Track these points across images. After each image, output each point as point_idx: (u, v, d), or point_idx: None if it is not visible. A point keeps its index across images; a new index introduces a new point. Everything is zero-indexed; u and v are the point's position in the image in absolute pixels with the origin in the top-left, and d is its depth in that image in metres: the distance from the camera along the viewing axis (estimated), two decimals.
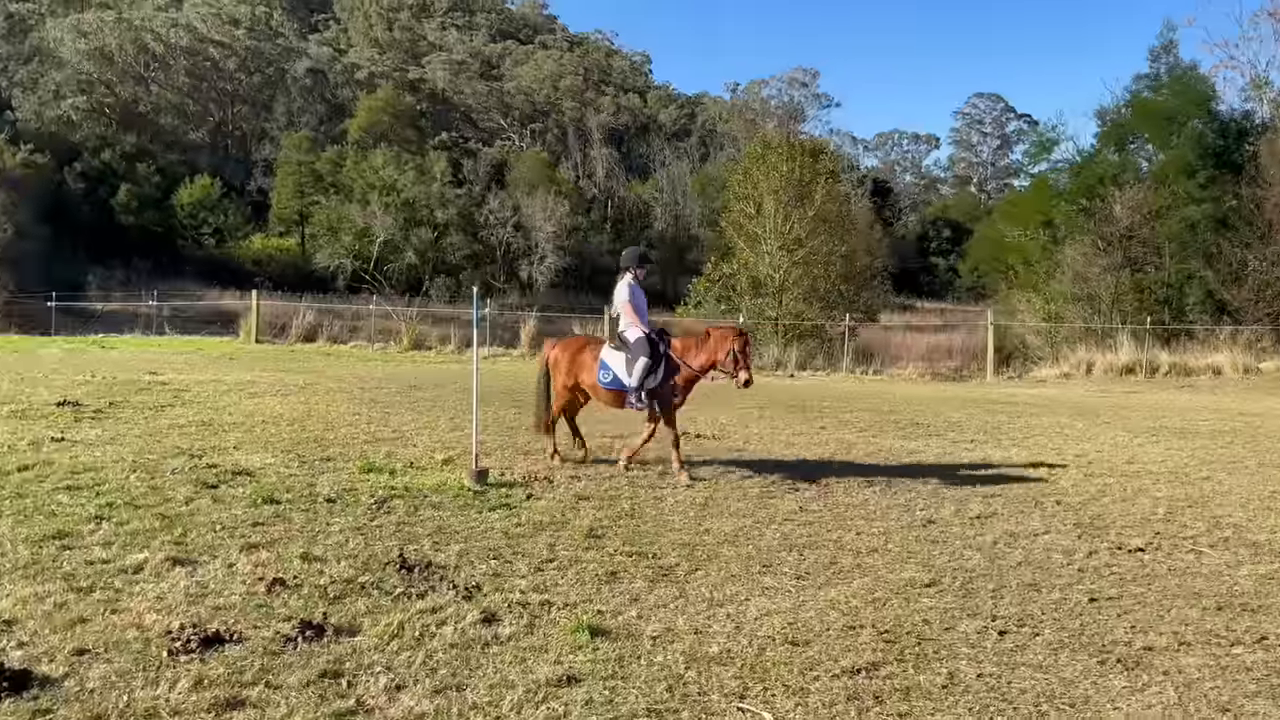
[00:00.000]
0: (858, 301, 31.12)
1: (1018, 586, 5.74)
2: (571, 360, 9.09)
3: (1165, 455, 11.15)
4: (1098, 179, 31.50)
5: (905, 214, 78.58)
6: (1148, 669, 4.49)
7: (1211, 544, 6.93)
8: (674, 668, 4.32)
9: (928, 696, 4.12)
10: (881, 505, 7.94)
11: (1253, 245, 28.68)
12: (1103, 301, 29.52)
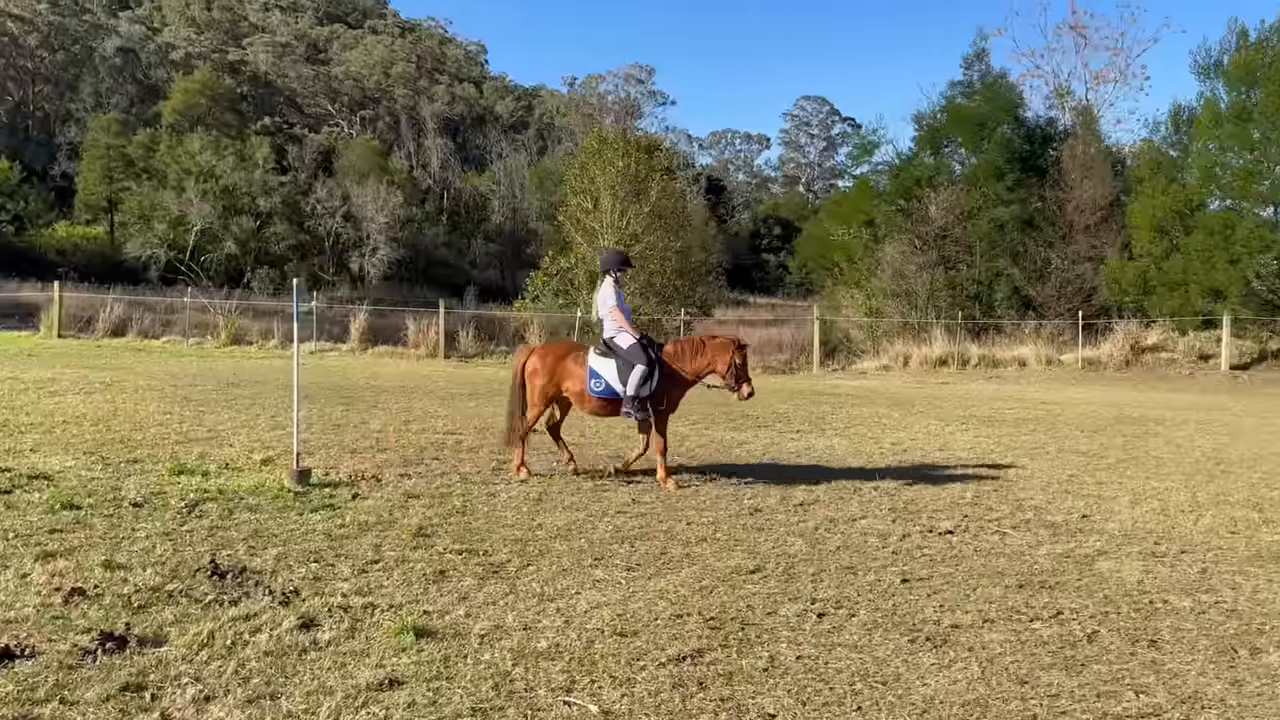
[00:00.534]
0: (693, 296, 31.69)
1: (836, 570, 5.96)
2: (554, 368, 8.55)
3: (974, 442, 11.84)
4: (915, 181, 33.13)
5: (739, 211, 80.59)
6: (954, 646, 4.74)
7: (1014, 525, 7.39)
8: (501, 665, 4.27)
9: (749, 680, 4.22)
10: (711, 495, 8.10)
11: (1055, 245, 30.82)
12: (919, 297, 31.06)
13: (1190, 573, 6.21)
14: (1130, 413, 16.14)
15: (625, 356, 8.30)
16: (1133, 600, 5.57)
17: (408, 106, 67.11)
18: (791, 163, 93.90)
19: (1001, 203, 31.24)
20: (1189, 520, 7.77)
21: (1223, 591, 5.82)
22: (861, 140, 43.58)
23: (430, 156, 60.67)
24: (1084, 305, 29.02)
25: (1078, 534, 7.16)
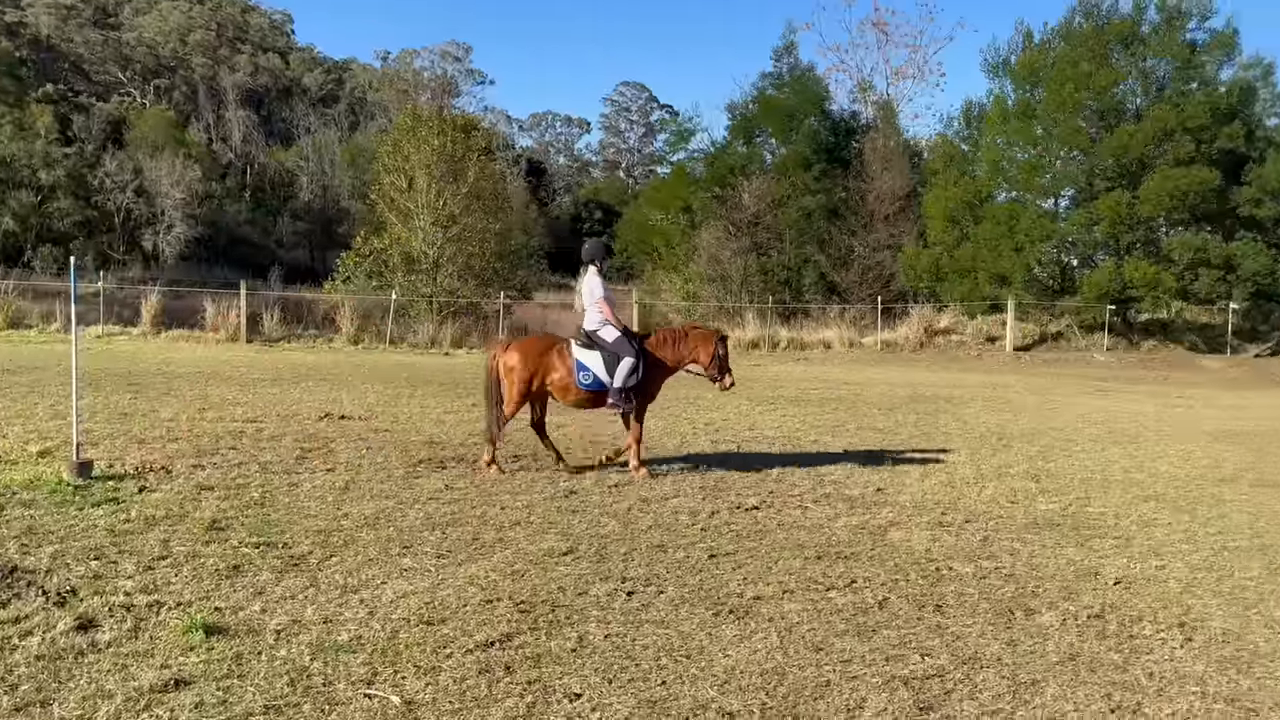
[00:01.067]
0: (513, 279, 31.39)
1: (647, 548, 6.04)
2: (537, 362, 8.31)
3: (781, 421, 12.29)
4: (729, 169, 34.02)
5: (560, 195, 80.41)
6: (756, 617, 4.90)
7: (815, 500, 7.70)
8: (298, 660, 4.09)
9: (557, 661, 4.22)
10: (527, 479, 8.06)
11: (858, 233, 32.35)
12: (734, 282, 31.96)
13: (973, 540, 6.65)
14: (923, 391, 17.15)
15: (611, 348, 8.24)
16: (921, 568, 5.91)
17: (207, 76, 63.22)
18: (612, 147, 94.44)
19: (809, 192, 32.48)
20: (974, 491, 8.32)
21: (1002, 557, 6.25)
22: (678, 128, 44.39)
23: (232, 129, 57.41)
24: (883, 290, 30.63)
25: (873, 506, 7.54)
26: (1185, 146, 26.40)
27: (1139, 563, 6.23)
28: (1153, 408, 16.13)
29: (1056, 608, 5.25)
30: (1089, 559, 6.28)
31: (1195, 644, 4.79)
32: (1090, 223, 27.64)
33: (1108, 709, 4.00)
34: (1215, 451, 11.28)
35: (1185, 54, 27.77)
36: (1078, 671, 4.38)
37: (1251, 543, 6.94)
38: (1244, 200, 27.00)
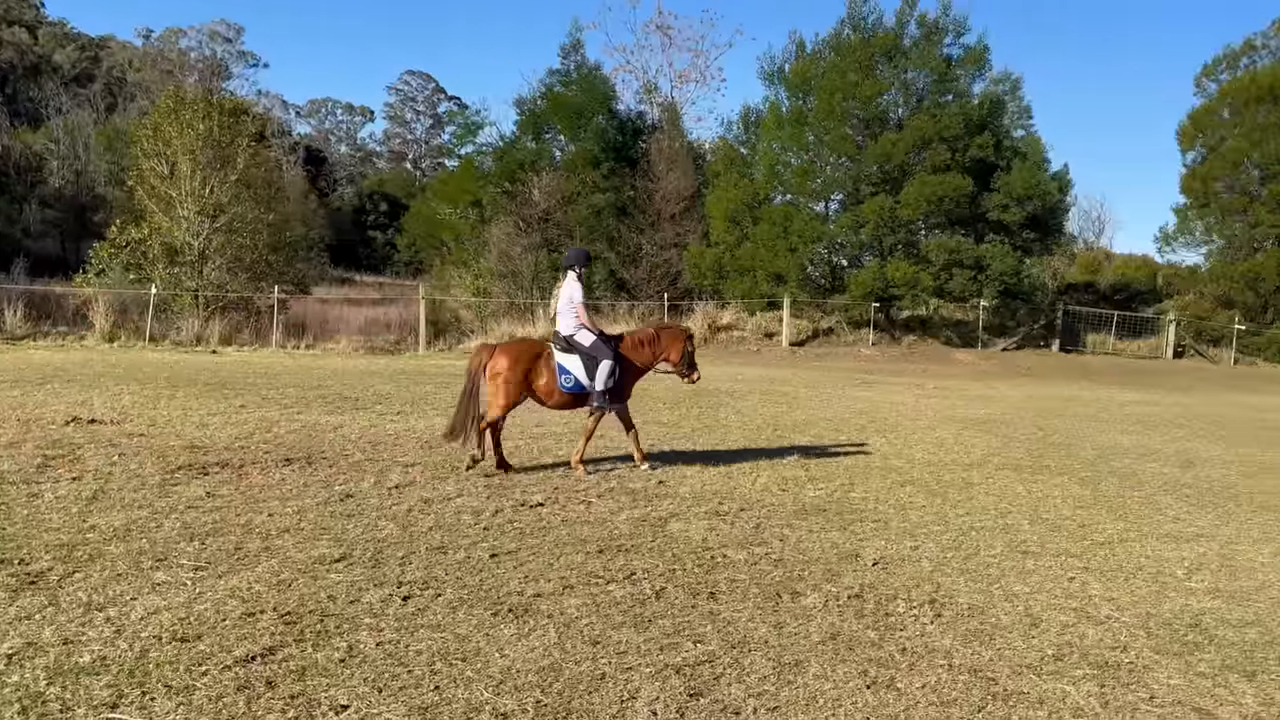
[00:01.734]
0: (289, 273, 30.00)
1: (426, 551, 5.90)
2: (527, 367, 8.52)
3: (570, 418, 12.29)
4: (518, 164, 33.86)
5: (342, 185, 77.60)
6: (535, 614, 4.88)
7: (599, 495, 7.77)
8: (33, 686, 3.75)
9: (324, 673, 4.04)
10: (299, 483, 7.69)
11: (646, 231, 32.97)
12: (525, 278, 31.84)
13: (747, 528, 6.90)
14: (706, 386, 17.66)
15: (590, 352, 8.59)
16: (697, 556, 6.07)
17: None
18: (398, 138, 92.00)
19: (598, 190, 32.82)
20: (748, 481, 8.64)
21: (772, 543, 6.52)
22: (466, 120, 43.78)
23: None
24: (670, 288, 31.37)
25: (654, 499, 7.69)
26: (941, 155, 28.52)
27: (895, 544, 6.66)
28: (911, 398, 17.31)
29: (820, 590, 5.53)
30: (850, 542, 6.65)
31: (944, 619, 5.16)
32: (857, 225, 29.36)
33: (864, 684, 4.24)
34: (966, 438, 12.22)
35: (942, 68, 29.96)
36: (838, 650, 4.62)
37: (996, 522, 7.55)
38: (993, 206, 29.41)
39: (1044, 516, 7.84)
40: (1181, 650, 4.86)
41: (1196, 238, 37.86)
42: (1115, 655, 4.74)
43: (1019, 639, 4.91)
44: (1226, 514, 8.37)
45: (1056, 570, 6.22)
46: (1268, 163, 34.54)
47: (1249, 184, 35.73)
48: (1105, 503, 8.55)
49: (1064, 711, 4.07)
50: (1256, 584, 6.17)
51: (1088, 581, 5.99)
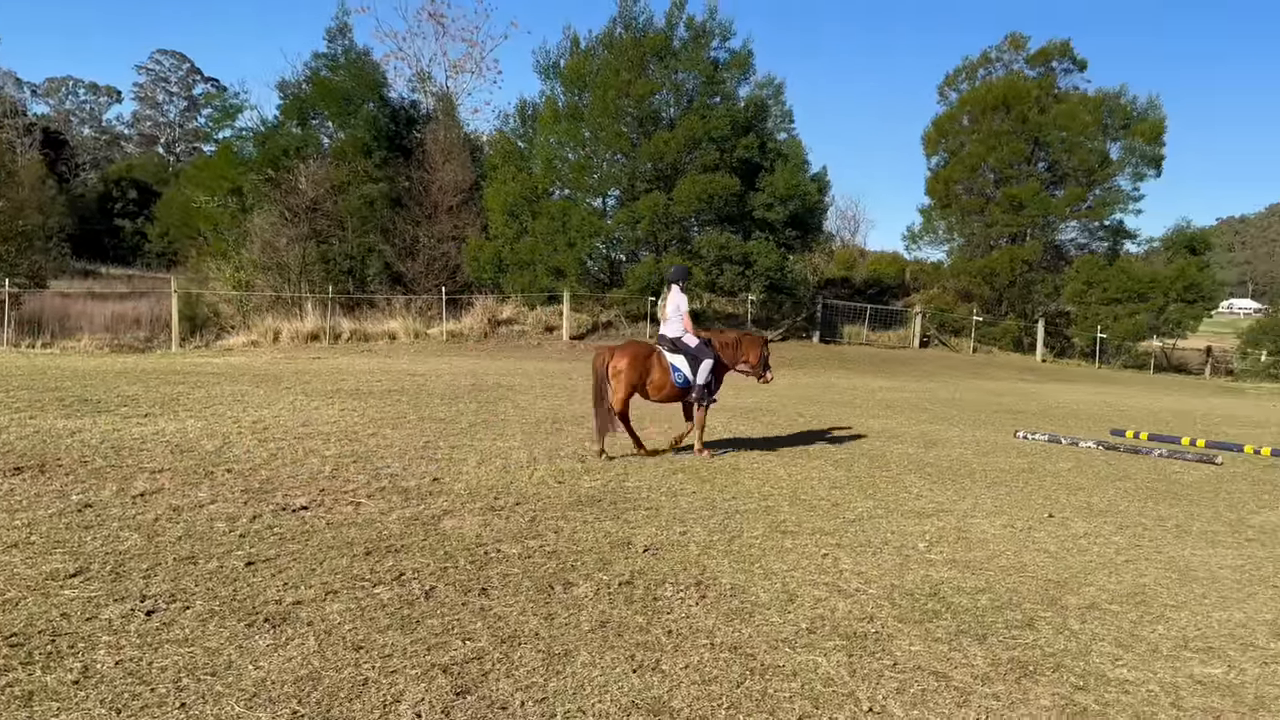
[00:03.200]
0: (22, 265, 27.32)
1: (174, 561, 5.52)
2: (643, 365, 9.81)
3: (339, 416, 11.87)
4: (283, 151, 32.21)
5: (85, 170, 71.42)
6: (294, 623, 4.66)
7: (369, 495, 7.53)
8: None
9: (55, 697, 3.70)
10: (30, 493, 7.01)
11: (423, 223, 32.20)
12: (292, 271, 30.39)
13: (522, 522, 6.88)
14: (486, 380, 17.52)
15: (695, 353, 10.00)
16: (470, 553, 5.99)
17: None
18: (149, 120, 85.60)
19: (371, 179, 31.76)
20: (526, 474, 8.62)
21: (547, 536, 6.53)
22: (224, 103, 41.26)
23: None
24: (449, 281, 30.84)
25: (428, 496, 7.53)
26: (711, 154, 29.53)
27: (665, 530, 6.83)
28: None
29: (592, 579, 5.59)
30: (623, 530, 6.77)
31: (708, 600, 5.34)
32: (633, 221, 29.92)
33: (631, 669, 4.32)
34: (734, 426, 12.71)
35: (710, 70, 30.97)
36: (607, 637, 4.69)
37: (759, 505, 7.90)
38: (758, 205, 30.72)
39: (802, 498, 8.28)
40: (922, 618, 5.25)
41: (940, 236, 41.19)
42: (863, 626, 5.06)
43: (776, 615, 5.15)
44: (963, 490, 9.13)
45: (812, 548, 6.58)
46: (1001, 167, 38.01)
47: (985, 186, 39.19)
48: (857, 483, 9.12)
49: (815, 682, 4.30)
50: (989, 554, 6.75)
51: (839, 557, 6.37)
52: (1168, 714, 4.17)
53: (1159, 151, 37.49)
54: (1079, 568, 6.49)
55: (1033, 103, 37.52)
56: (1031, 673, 4.54)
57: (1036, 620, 5.31)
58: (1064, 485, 9.70)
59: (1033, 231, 38.24)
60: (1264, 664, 4.84)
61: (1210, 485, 10.21)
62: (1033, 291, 38.37)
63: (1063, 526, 7.77)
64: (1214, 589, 6.18)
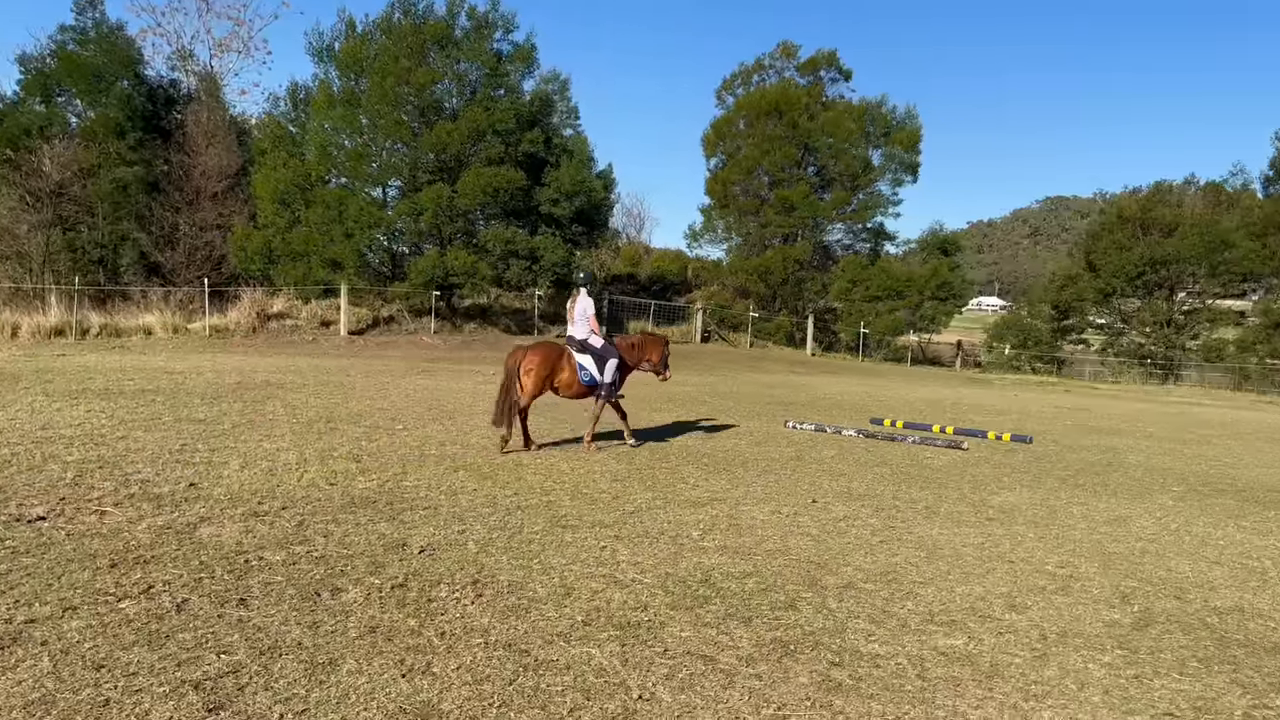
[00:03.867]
0: None
1: None
2: (553, 364, 10.39)
3: (84, 418, 10.93)
4: (23, 130, 29.30)
5: None
6: (25, 643, 4.24)
7: (116, 502, 6.97)
8: None
9: None
10: None
11: (183, 210, 30.17)
12: (33, 260, 27.80)
13: (288, 527, 6.56)
14: (254, 378, 16.62)
15: (600, 353, 10.71)
16: (229, 562, 5.65)
17: None
18: None
19: (124, 162, 29.47)
20: (294, 477, 8.23)
21: (315, 540, 6.26)
22: None
23: None
24: (213, 273, 29.09)
25: (183, 503, 7.05)
26: (496, 147, 29.28)
27: (443, 530, 6.70)
28: (471, 384, 17.61)
29: (362, 583, 5.41)
30: (399, 531, 6.59)
31: (485, 599, 5.28)
32: (415, 212, 29.25)
33: (400, 674, 4.20)
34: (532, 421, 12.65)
35: (493, 62, 30.68)
36: (376, 643, 4.54)
37: (540, 500, 7.90)
38: (544, 200, 30.76)
39: (584, 491, 8.35)
40: (693, 604, 5.40)
41: (719, 235, 42.66)
42: (637, 615, 5.15)
43: (553, 609, 5.16)
44: (736, 479, 9.48)
45: (591, 541, 6.64)
46: (775, 170, 39.78)
47: (760, 188, 40.90)
48: (638, 475, 9.29)
49: (588, 673, 4.34)
50: (757, 539, 7.04)
51: (618, 549, 6.47)
52: (913, 685, 4.48)
53: (916, 159, 40.37)
54: (838, 549, 6.88)
55: (803, 109, 39.48)
56: (792, 651, 4.77)
57: (798, 601, 5.58)
58: (827, 472, 10.26)
59: (803, 232, 40.28)
60: (999, 634, 5.28)
61: (957, 469, 11.07)
62: (803, 289, 40.41)
63: (825, 511, 8.21)
64: (957, 566, 6.69)
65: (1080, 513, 8.88)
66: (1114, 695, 4.49)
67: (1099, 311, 41.52)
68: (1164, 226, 39.17)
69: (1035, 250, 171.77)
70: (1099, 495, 9.90)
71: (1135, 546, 7.61)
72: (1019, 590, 6.14)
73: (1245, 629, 5.61)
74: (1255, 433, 17.70)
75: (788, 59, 41.81)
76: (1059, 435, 15.10)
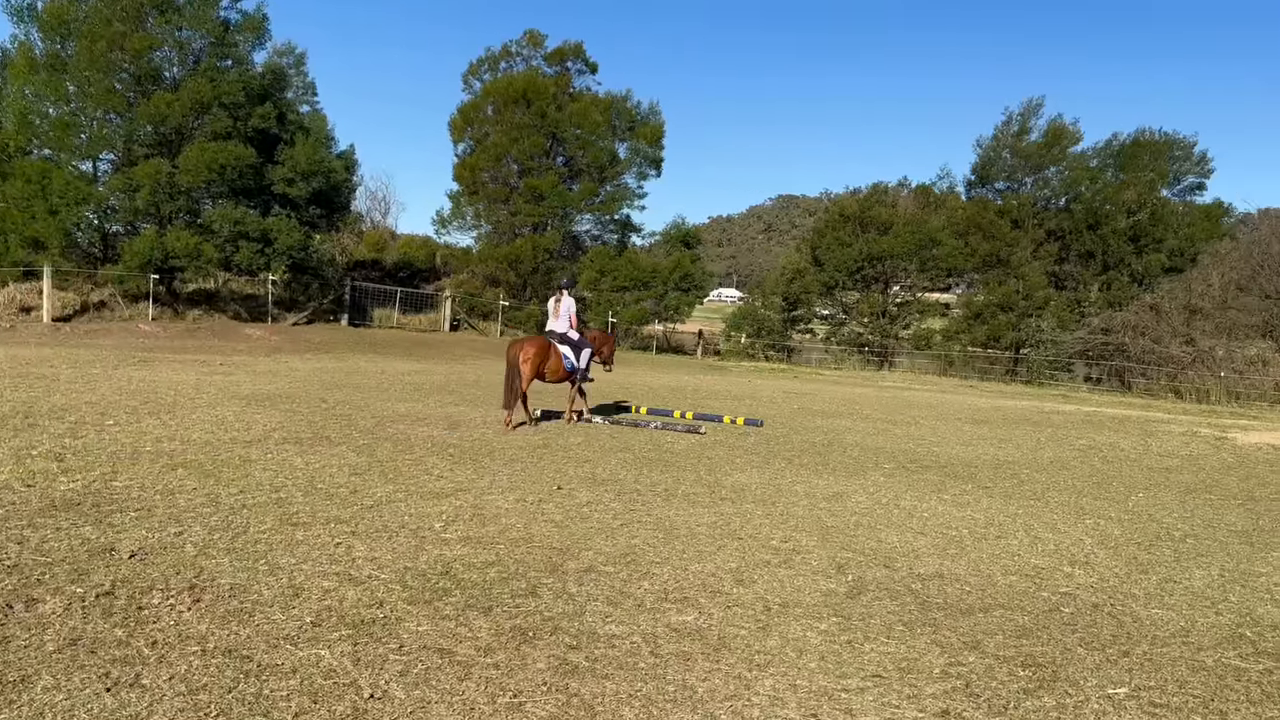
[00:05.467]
0: None
1: None
2: (545, 354, 12.62)
3: None
4: None
5: None
6: None
7: None
8: None
9: None
10: None
11: None
12: None
13: None
14: None
15: (577, 344, 13.13)
16: None
17: None
18: None
19: None
20: None
21: (8, 548, 5.63)
22: None
23: None
24: None
25: None
26: (223, 121, 27.39)
27: (158, 532, 6.21)
28: (194, 376, 16.44)
29: (63, 592, 4.92)
30: (106, 535, 6.04)
31: (203, 604, 4.94)
32: (131, 189, 26.87)
33: (104, 688, 3.85)
34: (248, 415, 11.95)
35: (219, 31, 28.63)
36: (77, 656, 4.14)
37: (270, 498, 7.48)
38: (278, 179, 29.12)
39: (319, 486, 8.00)
40: (432, 598, 5.30)
41: (468, 222, 42.12)
42: (371, 612, 4.99)
43: (279, 612, 4.90)
44: (483, 468, 9.40)
45: (325, 538, 6.37)
46: (524, 159, 39.74)
47: (510, 176, 40.74)
48: (379, 468, 9.02)
49: (316, 675, 4.15)
50: (500, 528, 7.01)
51: (354, 545, 6.24)
52: (647, 662, 4.61)
53: (659, 154, 41.58)
54: (581, 534, 6.98)
55: (551, 99, 39.66)
56: (531, 638, 4.78)
57: (539, 587, 5.61)
58: (573, 459, 10.40)
59: (553, 222, 40.53)
60: (728, 608, 5.54)
61: (695, 453, 11.53)
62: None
63: (569, 497, 8.31)
64: (692, 544, 6.97)
65: (803, 490, 9.49)
66: (829, 660, 4.82)
67: (823, 303, 44.53)
68: (880, 225, 42.53)
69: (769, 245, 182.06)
70: (820, 473, 10.63)
71: (851, 520, 8.23)
72: (746, 565, 6.47)
73: (944, 593, 6.19)
74: (957, 414, 19.61)
75: (535, 48, 41.83)
76: (787, 419, 16.07)
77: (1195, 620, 5.93)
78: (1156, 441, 16.27)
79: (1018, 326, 39.62)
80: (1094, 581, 6.74)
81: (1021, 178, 44.13)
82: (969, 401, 23.98)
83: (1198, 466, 13.50)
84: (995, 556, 7.30)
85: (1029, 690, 4.59)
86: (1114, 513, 9.55)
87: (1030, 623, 5.65)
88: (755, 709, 4.16)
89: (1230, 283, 36.67)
